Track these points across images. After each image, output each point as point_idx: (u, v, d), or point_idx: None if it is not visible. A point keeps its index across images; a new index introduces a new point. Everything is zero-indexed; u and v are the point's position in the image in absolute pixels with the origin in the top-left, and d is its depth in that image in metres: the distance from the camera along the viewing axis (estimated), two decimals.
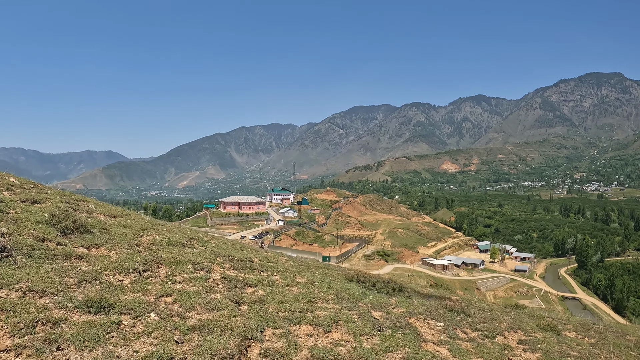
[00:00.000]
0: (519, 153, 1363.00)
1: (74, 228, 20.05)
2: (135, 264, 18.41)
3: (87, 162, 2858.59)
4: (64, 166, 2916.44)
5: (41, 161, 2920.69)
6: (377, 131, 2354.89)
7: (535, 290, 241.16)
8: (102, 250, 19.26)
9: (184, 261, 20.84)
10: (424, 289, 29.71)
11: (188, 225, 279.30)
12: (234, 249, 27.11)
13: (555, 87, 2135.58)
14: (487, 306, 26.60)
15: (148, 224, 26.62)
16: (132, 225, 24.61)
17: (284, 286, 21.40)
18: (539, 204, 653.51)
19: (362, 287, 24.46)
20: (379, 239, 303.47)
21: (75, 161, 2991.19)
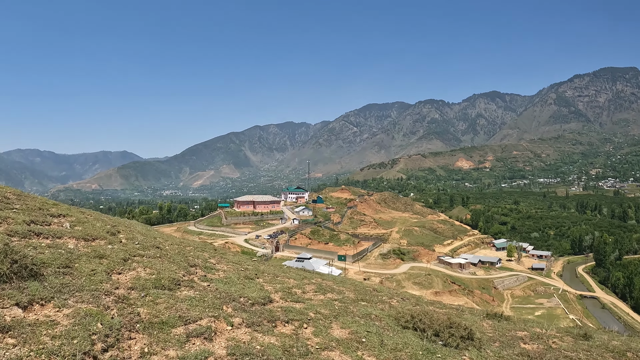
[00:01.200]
0: (534, 149, 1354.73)
1: (13, 272, 13.51)
2: (93, 339, 11.56)
3: (102, 163, 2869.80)
4: (80, 167, 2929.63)
5: (57, 162, 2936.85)
6: (391, 129, 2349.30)
7: (553, 289, 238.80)
8: (49, 309, 12.63)
9: (172, 320, 14.11)
10: (485, 322, 24.77)
11: (203, 226, 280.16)
12: (248, 281, 22.23)
13: (570, 82, 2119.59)
14: (568, 345, 21.81)
15: (137, 248, 21.85)
16: (113, 254, 18.83)
17: (320, 350, 14.63)
18: (554, 200, 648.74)
19: (422, 338, 17.95)
20: (394, 237, 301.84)
21: (90, 161, 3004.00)
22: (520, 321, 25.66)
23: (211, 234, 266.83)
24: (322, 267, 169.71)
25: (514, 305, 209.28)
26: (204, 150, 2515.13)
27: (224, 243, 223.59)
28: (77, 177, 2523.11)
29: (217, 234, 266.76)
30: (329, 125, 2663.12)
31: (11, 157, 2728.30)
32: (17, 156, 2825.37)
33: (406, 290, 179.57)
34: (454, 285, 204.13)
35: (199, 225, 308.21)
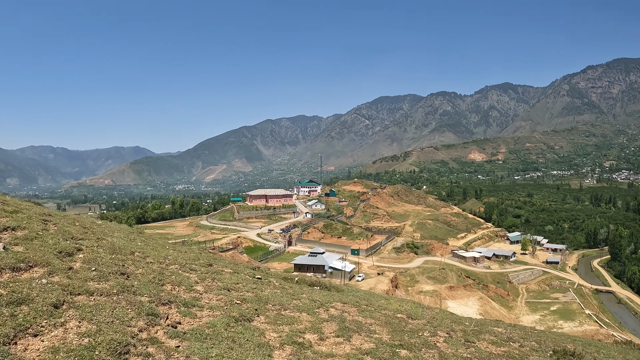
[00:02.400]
0: (547, 141, 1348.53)
1: None
2: None
3: (115, 158, 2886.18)
4: (92, 162, 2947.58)
5: (70, 158, 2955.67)
6: (403, 121, 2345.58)
7: (569, 284, 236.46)
8: None
9: None
10: None
11: (215, 220, 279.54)
12: (242, 329, 16.24)
13: (583, 73, 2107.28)
14: None
15: (90, 278, 16.39)
16: (41, 296, 13.42)
17: None
18: (568, 193, 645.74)
19: None
20: (407, 231, 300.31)
21: (103, 157, 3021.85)
22: None
23: (223, 229, 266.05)
24: (335, 261, 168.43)
25: (529, 300, 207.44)
26: (216, 144, 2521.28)
27: (236, 238, 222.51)
28: (90, 173, 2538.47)
29: (229, 229, 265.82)
30: (341, 118, 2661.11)
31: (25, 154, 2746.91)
32: (30, 153, 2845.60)
33: (421, 285, 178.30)
34: (468, 279, 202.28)
35: (211, 220, 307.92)
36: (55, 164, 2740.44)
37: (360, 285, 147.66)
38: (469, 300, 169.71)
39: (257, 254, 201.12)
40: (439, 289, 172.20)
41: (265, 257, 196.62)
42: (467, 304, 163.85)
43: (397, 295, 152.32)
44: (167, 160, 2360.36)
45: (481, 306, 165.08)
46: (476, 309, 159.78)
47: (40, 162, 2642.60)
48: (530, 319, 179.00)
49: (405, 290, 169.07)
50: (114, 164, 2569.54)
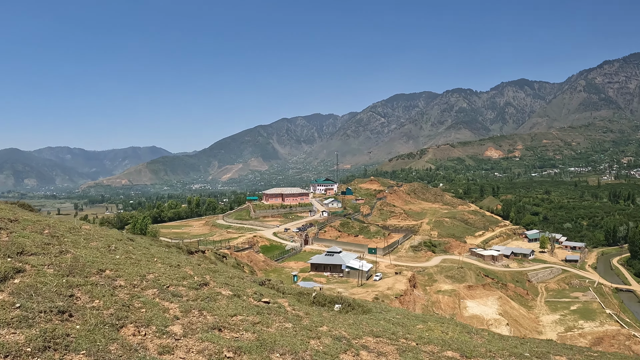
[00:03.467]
0: (564, 138, 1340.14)
1: None
2: None
3: (132, 158, 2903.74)
4: (109, 162, 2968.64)
5: (87, 158, 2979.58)
6: (419, 119, 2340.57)
7: (588, 282, 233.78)
8: None
9: None
10: None
11: (231, 219, 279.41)
12: None
13: (600, 68, 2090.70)
14: None
15: None
16: None
17: None
18: (586, 190, 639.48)
19: None
20: (425, 229, 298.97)
21: (120, 157, 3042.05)
22: None
23: (239, 228, 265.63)
24: (352, 261, 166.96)
25: (549, 300, 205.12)
26: (232, 143, 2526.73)
27: (253, 237, 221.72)
28: (107, 173, 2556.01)
29: (245, 227, 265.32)
30: (356, 116, 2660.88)
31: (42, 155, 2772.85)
32: (47, 154, 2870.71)
33: (439, 284, 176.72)
34: (487, 278, 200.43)
35: (227, 219, 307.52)
36: (73, 165, 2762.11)
37: (378, 285, 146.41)
38: (488, 299, 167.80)
39: (274, 253, 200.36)
40: (458, 289, 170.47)
41: (281, 256, 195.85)
42: (486, 304, 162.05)
43: (415, 295, 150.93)
44: (184, 159, 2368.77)
45: (500, 306, 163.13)
46: (495, 309, 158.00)
47: (58, 163, 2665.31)
48: (550, 319, 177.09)
49: (424, 289, 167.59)
50: (130, 164, 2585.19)
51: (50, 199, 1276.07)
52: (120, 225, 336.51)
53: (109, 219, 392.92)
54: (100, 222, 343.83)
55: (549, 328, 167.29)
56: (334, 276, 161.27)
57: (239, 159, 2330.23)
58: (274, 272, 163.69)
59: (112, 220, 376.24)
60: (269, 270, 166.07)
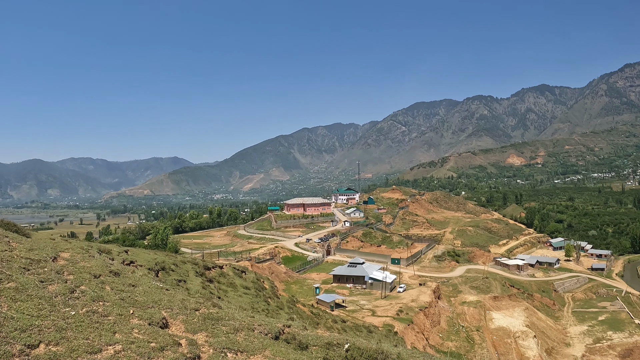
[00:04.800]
0: (587, 143, 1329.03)
1: None
2: None
3: (154, 169, 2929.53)
4: (132, 173, 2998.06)
5: (109, 169, 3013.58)
6: (439, 127, 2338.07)
7: (616, 291, 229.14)
8: None
9: None
10: None
11: (252, 229, 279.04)
12: None
13: (621, 72, 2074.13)
14: None
15: None
16: None
17: None
18: (610, 196, 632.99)
19: None
20: (448, 238, 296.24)
21: (142, 168, 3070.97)
22: None
23: (261, 238, 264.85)
24: (375, 272, 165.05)
25: (576, 310, 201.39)
26: (253, 153, 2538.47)
27: (274, 247, 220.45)
28: (129, 183, 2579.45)
29: (266, 238, 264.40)
30: (377, 125, 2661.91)
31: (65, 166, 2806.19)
32: (70, 165, 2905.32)
33: (464, 295, 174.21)
34: (512, 288, 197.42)
35: (248, 229, 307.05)
36: (95, 175, 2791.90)
37: (402, 297, 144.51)
38: (515, 311, 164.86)
39: (295, 264, 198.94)
40: (483, 300, 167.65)
41: (303, 268, 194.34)
42: (512, 315, 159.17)
43: (439, 306, 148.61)
44: (205, 170, 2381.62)
45: (527, 317, 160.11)
46: (522, 321, 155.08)
47: (81, 174, 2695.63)
48: (577, 330, 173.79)
49: (448, 301, 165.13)
50: (152, 175, 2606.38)
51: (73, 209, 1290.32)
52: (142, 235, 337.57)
53: (131, 229, 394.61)
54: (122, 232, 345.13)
55: (577, 339, 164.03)
56: (357, 288, 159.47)
57: (260, 169, 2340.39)
58: (295, 284, 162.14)
59: (134, 230, 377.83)
60: (291, 282, 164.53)
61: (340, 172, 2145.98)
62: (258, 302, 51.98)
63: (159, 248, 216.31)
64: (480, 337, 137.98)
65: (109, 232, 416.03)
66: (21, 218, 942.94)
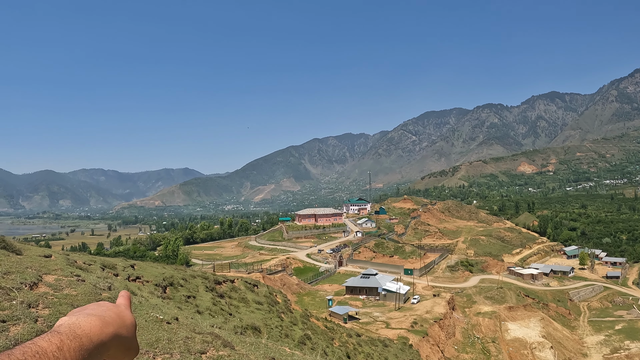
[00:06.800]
0: (598, 150, 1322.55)
1: None
2: None
3: (165, 180, 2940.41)
4: (143, 184, 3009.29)
5: (121, 180, 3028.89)
6: (450, 136, 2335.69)
7: (632, 300, 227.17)
8: None
9: None
10: None
11: (264, 240, 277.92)
12: None
13: (631, 77, 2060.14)
14: None
15: None
16: None
17: None
18: (623, 202, 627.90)
19: None
20: (460, 248, 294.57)
21: (153, 179, 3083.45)
22: None
23: (272, 249, 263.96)
24: (389, 283, 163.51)
25: (592, 319, 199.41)
26: (264, 164, 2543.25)
27: (285, 258, 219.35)
28: (140, 194, 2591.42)
29: (278, 249, 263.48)
30: (387, 135, 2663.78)
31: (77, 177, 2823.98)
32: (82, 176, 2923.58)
33: (478, 306, 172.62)
34: (527, 298, 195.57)
35: (260, 240, 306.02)
36: (107, 186, 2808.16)
37: (416, 308, 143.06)
38: (530, 321, 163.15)
39: (307, 275, 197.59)
40: (498, 310, 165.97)
41: (315, 279, 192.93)
42: (528, 326, 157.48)
43: (454, 318, 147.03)
44: (216, 181, 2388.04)
45: (543, 327, 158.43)
46: (538, 331, 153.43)
47: (92, 185, 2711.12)
48: (594, 340, 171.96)
49: (463, 311, 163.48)
50: (163, 186, 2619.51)
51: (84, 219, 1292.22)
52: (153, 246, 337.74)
53: (142, 240, 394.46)
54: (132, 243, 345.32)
55: (594, 350, 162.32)
56: (370, 299, 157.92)
57: (271, 180, 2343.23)
58: (307, 296, 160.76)
59: (145, 241, 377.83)
60: (303, 293, 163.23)
61: (351, 182, 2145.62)
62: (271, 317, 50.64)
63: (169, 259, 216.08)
64: (497, 348, 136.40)
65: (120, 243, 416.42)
66: (32, 228, 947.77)
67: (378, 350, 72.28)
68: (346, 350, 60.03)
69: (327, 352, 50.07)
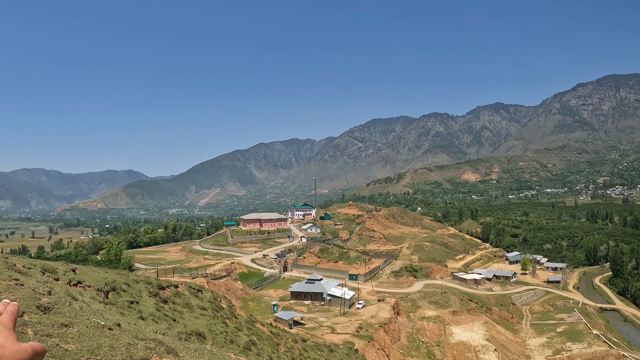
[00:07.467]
0: (540, 160, 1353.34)
1: None
2: None
3: (109, 182, 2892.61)
4: (86, 186, 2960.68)
5: (63, 181, 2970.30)
6: (396, 143, 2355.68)
7: (573, 303, 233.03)
8: None
9: None
10: None
11: (208, 245, 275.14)
12: None
13: (574, 91, 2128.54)
14: None
15: None
16: None
17: None
18: (564, 210, 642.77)
19: None
20: (405, 254, 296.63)
21: (96, 180, 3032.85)
22: None
23: (217, 254, 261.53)
24: (334, 288, 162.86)
25: (534, 322, 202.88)
26: (209, 168, 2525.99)
27: (230, 263, 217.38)
28: (83, 196, 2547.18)
29: (222, 254, 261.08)
30: (334, 141, 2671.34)
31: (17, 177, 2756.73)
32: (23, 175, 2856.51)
33: (423, 310, 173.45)
34: (471, 303, 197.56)
35: (204, 245, 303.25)
36: (49, 187, 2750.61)
37: (361, 313, 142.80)
38: (474, 325, 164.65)
39: (252, 280, 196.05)
40: (442, 314, 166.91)
41: (260, 284, 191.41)
42: (472, 329, 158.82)
43: (399, 322, 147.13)
44: (161, 184, 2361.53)
45: (487, 331, 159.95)
46: (482, 334, 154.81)
47: (34, 185, 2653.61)
48: (537, 342, 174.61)
49: (407, 316, 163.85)
50: (107, 188, 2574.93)
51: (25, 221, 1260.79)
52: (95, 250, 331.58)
53: (84, 243, 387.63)
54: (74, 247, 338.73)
55: (537, 352, 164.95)
56: (315, 305, 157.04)
57: (216, 184, 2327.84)
58: (252, 301, 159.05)
59: (87, 245, 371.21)
60: (248, 299, 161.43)
61: (296, 187, 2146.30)
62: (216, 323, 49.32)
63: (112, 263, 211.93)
64: (441, 352, 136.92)
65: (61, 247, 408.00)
66: None
67: (324, 356, 71.41)
68: (292, 356, 59.05)
69: (273, 357, 49.03)
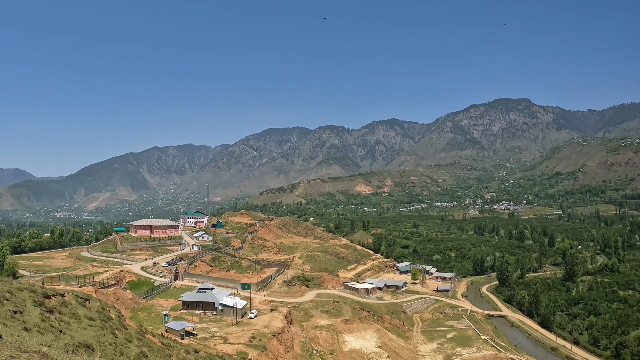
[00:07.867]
0: (431, 175, 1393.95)
1: None
2: None
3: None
4: None
5: None
6: (291, 153, 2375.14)
7: (461, 310, 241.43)
8: None
9: None
10: None
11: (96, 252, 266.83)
12: None
13: (466, 111, 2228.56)
14: None
15: None
16: None
17: None
18: (453, 223, 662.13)
19: None
20: (297, 263, 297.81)
21: None
22: None
23: (105, 261, 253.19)
24: (226, 297, 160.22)
25: (425, 329, 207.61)
26: (100, 170, 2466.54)
27: (119, 271, 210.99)
28: None
29: (112, 261, 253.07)
30: (228, 148, 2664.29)
31: None
32: None
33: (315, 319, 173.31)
34: (363, 311, 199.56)
35: (92, 251, 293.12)
36: None
37: (254, 323, 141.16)
38: (366, 333, 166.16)
39: (142, 289, 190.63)
40: (335, 323, 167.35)
41: (150, 293, 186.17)
42: (364, 337, 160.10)
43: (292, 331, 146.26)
44: (49, 185, 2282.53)
45: (379, 339, 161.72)
46: (374, 342, 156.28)
47: None
48: (428, 348, 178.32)
49: (300, 325, 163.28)
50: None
51: None
52: None
53: None
54: None
55: (428, 357, 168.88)
56: (207, 314, 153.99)
57: (107, 187, 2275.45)
58: (142, 311, 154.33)
59: None
60: (138, 308, 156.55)
61: (189, 194, 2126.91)
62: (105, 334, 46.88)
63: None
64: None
65: None
66: None
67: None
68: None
69: None
